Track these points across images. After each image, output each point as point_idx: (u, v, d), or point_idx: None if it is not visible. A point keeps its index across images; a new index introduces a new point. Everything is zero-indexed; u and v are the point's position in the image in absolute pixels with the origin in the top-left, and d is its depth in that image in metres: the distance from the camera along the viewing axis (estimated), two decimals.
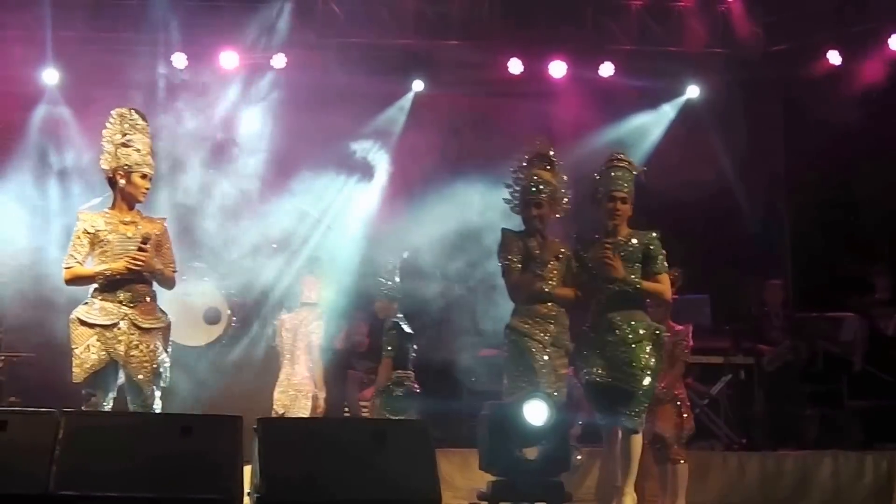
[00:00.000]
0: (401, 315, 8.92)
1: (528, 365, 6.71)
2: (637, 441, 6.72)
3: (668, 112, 11.91)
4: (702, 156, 11.17)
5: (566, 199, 6.96)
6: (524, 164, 6.96)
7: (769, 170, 11.61)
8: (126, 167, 6.61)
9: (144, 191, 6.66)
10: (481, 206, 10.19)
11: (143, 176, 6.64)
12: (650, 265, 6.83)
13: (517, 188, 6.96)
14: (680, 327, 8.28)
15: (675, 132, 11.79)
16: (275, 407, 8.65)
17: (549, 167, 6.97)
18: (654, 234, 6.86)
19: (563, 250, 6.93)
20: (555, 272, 6.88)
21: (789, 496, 9.13)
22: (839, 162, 11.24)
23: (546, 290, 6.83)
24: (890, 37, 11.05)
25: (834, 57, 11.33)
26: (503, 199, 7.03)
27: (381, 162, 11.60)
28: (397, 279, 8.99)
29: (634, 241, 6.84)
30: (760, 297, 10.98)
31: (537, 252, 6.84)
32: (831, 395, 10.49)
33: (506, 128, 11.18)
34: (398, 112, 11.72)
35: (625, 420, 6.67)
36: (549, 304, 6.84)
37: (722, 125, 11.70)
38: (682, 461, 7.81)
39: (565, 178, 6.96)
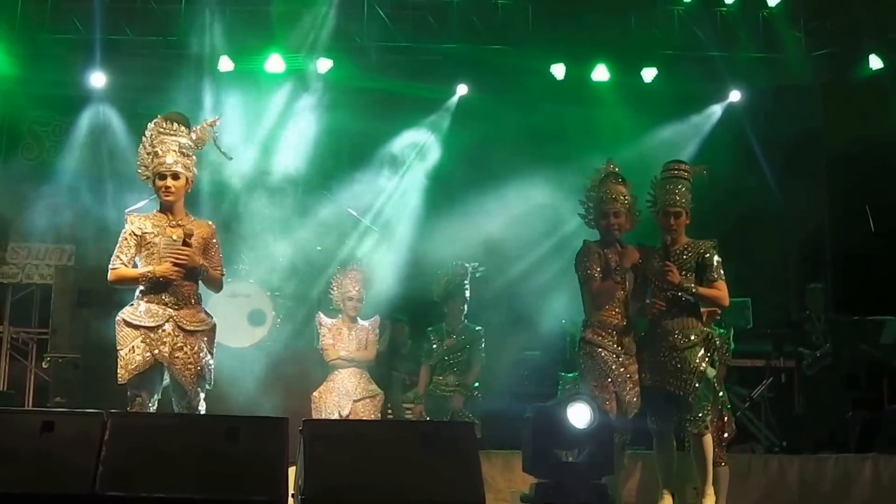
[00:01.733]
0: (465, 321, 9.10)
1: (604, 374, 6.78)
2: (707, 442, 6.84)
3: (710, 116, 11.97)
4: (744, 160, 11.15)
5: (639, 212, 7.07)
6: (598, 181, 7.06)
7: (811, 174, 11.56)
8: (154, 171, 6.58)
9: (173, 190, 6.57)
10: (525, 212, 10.55)
11: (167, 177, 6.55)
12: (706, 272, 6.89)
13: (591, 203, 7.05)
14: (722, 331, 8.17)
15: (718, 137, 11.79)
16: (329, 411, 8.58)
17: (622, 181, 7.07)
18: (711, 243, 6.94)
19: (639, 260, 7.01)
20: (628, 282, 7.02)
21: (829, 499, 8.95)
22: (882, 166, 11.10)
23: (626, 297, 6.96)
24: None
25: (875, 62, 11.29)
26: (578, 214, 7.12)
27: (426, 166, 11.69)
28: (466, 289, 9.15)
29: (691, 250, 6.95)
30: (801, 301, 10.99)
31: (616, 261, 6.92)
32: (872, 399, 10.40)
33: (550, 132, 11.29)
34: (442, 116, 11.76)
35: (688, 426, 6.83)
36: (620, 313, 6.93)
37: (764, 129, 11.69)
38: (723, 464, 7.73)
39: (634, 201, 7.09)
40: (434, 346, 9.22)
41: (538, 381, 10.12)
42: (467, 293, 9.25)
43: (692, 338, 6.90)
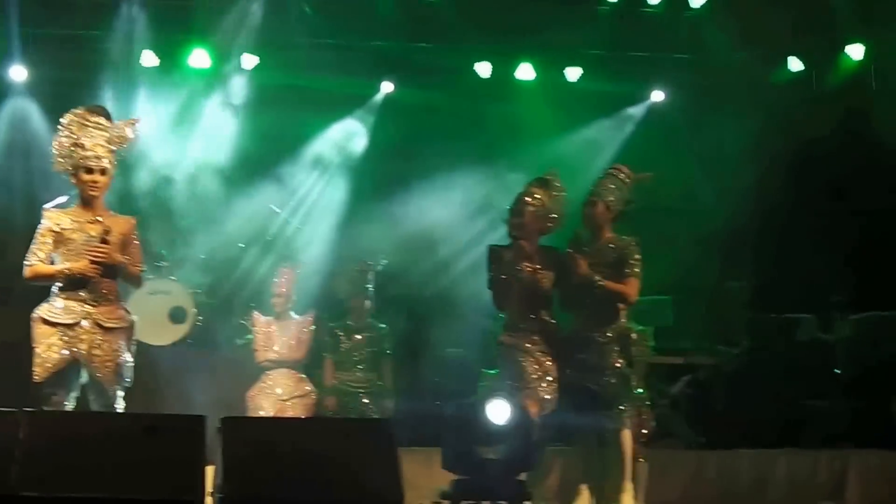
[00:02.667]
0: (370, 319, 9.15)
1: (519, 374, 6.99)
2: (626, 438, 7.00)
3: (634, 116, 11.98)
4: (667, 159, 10.96)
5: (554, 216, 7.16)
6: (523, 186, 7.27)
7: (735, 174, 11.45)
8: (74, 165, 6.49)
9: (99, 185, 6.50)
10: (451, 209, 10.51)
11: (94, 171, 6.48)
12: (622, 268, 7.06)
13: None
14: (642, 328, 8.06)
15: (642, 136, 11.84)
16: (265, 411, 8.59)
17: (544, 186, 7.19)
18: (632, 240, 7.12)
19: (549, 258, 7.11)
20: (543, 278, 7.09)
21: (746, 494, 9.00)
22: (807, 164, 11.25)
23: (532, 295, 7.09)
24: (850, 45, 11.16)
25: (796, 64, 11.42)
26: (501, 219, 7.31)
27: (351, 163, 11.61)
28: (369, 285, 9.16)
29: (613, 246, 7.12)
30: (721, 299, 10.93)
31: (510, 259, 7.07)
32: (789, 396, 10.29)
33: (475, 130, 11.28)
34: (368, 114, 11.66)
35: (607, 421, 6.98)
36: (532, 312, 7.11)
37: (688, 129, 11.72)
38: (641, 459, 7.74)
39: (564, 203, 7.21)
40: (340, 341, 9.15)
41: (462, 379, 9.57)
42: (371, 289, 9.22)
43: (609, 334, 7.07)
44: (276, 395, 8.60)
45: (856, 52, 11.15)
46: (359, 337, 9.18)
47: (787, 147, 11.03)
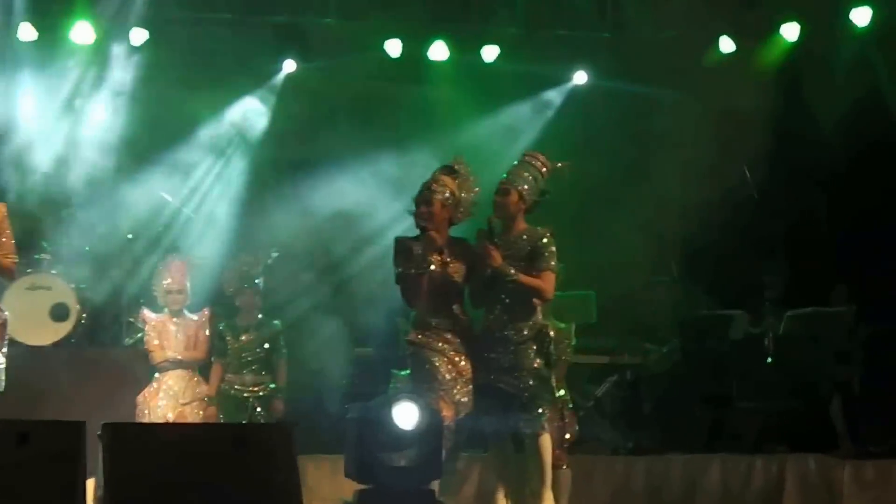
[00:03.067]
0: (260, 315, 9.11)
1: (430, 376, 6.87)
2: (545, 443, 6.93)
3: (554, 99, 11.98)
4: (590, 144, 11.12)
5: (464, 206, 7.10)
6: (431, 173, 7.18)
7: (663, 160, 11.36)
8: None
9: None
10: (357, 196, 10.49)
11: None
12: (536, 261, 6.97)
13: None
14: (563, 325, 8.28)
15: (562, 120, 11.87)
16: (156, 416, 8.56)
17: (451, 174, 7.12)
18: (546, 231, 7.02)
19: (460, 250, 7.06)
20: (454, 272, 7.03)
21: (677, 501, 9.20)
22: (734, 154, 11.26)
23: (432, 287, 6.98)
24: (783, 25, 11.27)
25: (727, 44, 11.49)
26: (407, 210, 7.23)
27: (250, 146, 11.55)
28: (258, 280, 9.13)
29: (526, 237, 7.03)
30: (648, 294, 11.08)
31: (419, 252, 6.96)
32: (720, 397, 10.52)
33: (384, 113, 11.28)
34: (268, 94, 11.59)
35: (524, 426, 6.91)
36: (444, 307, 7.02)
37: (611, 113, 11.72)
38: (563, 466, 7.77)
39: (475, 190, 7.12)
40: (227, 342, 9.04)
41: (371, 380, 10.08)
42: (260, 284, 9.17)
43: (525, 332, 6.98)
44: (174, 399, 8.58)
45: (790, 31, 11.32)
46: (249, 336, 9.10)
47: (717, 132, 11.00)
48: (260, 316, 9.16)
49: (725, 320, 10.86)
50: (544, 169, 7.15)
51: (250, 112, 11.54)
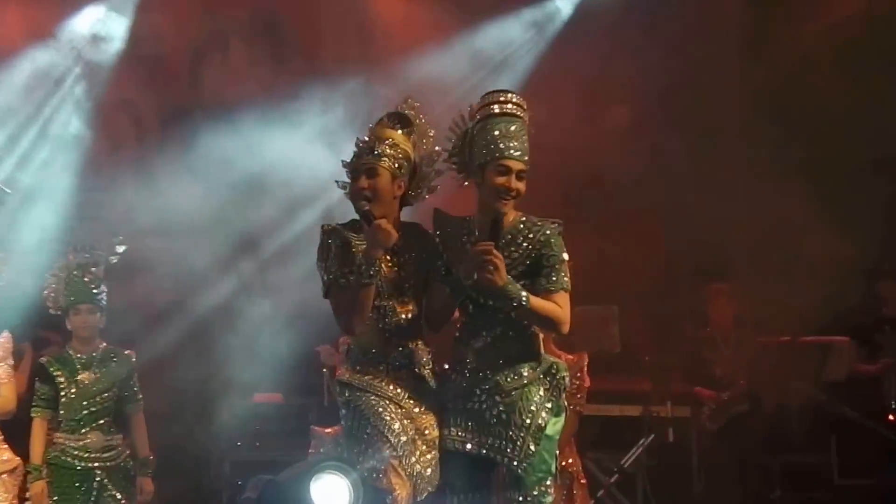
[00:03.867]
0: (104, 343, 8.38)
1: (375, 434, 6.22)
2: None
3: (556, 13, 11.38)
4: (595, 86, 10.63)
5: (423, 180, 6.47)
6: (371, 124, 6.52)
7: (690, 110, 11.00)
8: None
9: None
10: (264, 159, 10.09)
11: None
12: (543, 274, 6.16)
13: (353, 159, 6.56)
14: (571, 357, 7.85)
15: (556, 49, 11.25)
16: None
17: (407, 130, 6.43)
18: (554, 227, 6.24)
19: (420, 243, 6.45)
20: (409, 273, 6.43)
21: None
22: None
23: (391, 308, 6.32)
24: None
25: None
26: (335, 181, 6.51)
27: (97, 83, 10.81)
28: (98, 289, 8.28)
29: (525, 235, 6.27)
30: (700, 309, 10.44)
31: (361, 248, 6.29)
32: (812, 468, 10.00)
33: (303, 33, 10.97)
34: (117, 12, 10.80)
35: None
36: (398, 335, 6.32)
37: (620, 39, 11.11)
38: None
39: (437, 149, 6.41)
40: (56, 386, 8.17)
41: (280, 442, 9.70)
42: (103, 296, 8.28)
43: (525, 372, 6.14)
44: None
45: None
46: (89, 375, 8.23)
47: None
48: (104, 345, 8.29)
49: (820, 351, 10.19)
50: (527, 120, 6.33)
51: (98, 26, 10.77)
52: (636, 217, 10.82)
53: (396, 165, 6.27)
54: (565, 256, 6.22)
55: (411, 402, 6.26)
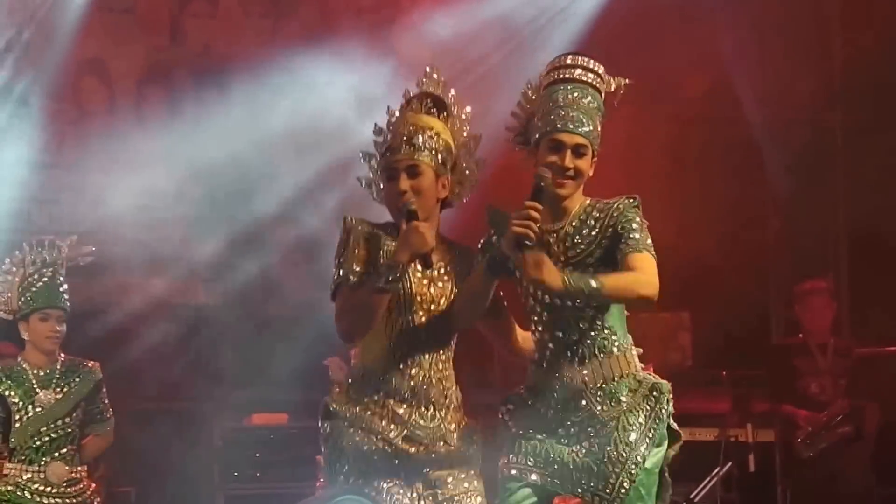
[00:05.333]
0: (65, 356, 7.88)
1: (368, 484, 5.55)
2: None
3: None
4: (698, 50, 9.92)
5: (465, 176, 5.96)
6: (397, 110, 5.93)
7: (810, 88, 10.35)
8: None
9: None
10: (262, 131, 9.89)
11: None
12: (620, 244, 5.61)
13: (380, 152, 5.93)
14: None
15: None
16: None
17: (440, 113, 5.91)
18: (629, 202, 5.75)
19: (459, 263, 5.91)
20: (441, 292, 5.84)
21: None
22: None
23: (415, 321, 5.73)
24: None
25: None
26: (357, 178, 5.99)
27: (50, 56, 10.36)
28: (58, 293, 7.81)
29: (595, 216, 5.82)
30: (790, 312, 9.94)
31: (390, 249, 5.81)
32: None
33: None
34: None
35: None
36: (417, 354, 5.72)
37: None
38: None
39: (475, 135, 5.97)
40: (14, 407, 7.66)
41: (285, 473, 9.51)
42: (66, 297, 7.77)
43: (624, 395, 5.55)
44: None
45: None
46: (48, 395, 7.82)
47: None
48: (63, 356, 7.80)
49: None
50: (602, 89, 5.76)
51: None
52: None
53: (440, 160, 5.74)
54: (641, 222, 5.60)
55: (429, 454, 5.57)
